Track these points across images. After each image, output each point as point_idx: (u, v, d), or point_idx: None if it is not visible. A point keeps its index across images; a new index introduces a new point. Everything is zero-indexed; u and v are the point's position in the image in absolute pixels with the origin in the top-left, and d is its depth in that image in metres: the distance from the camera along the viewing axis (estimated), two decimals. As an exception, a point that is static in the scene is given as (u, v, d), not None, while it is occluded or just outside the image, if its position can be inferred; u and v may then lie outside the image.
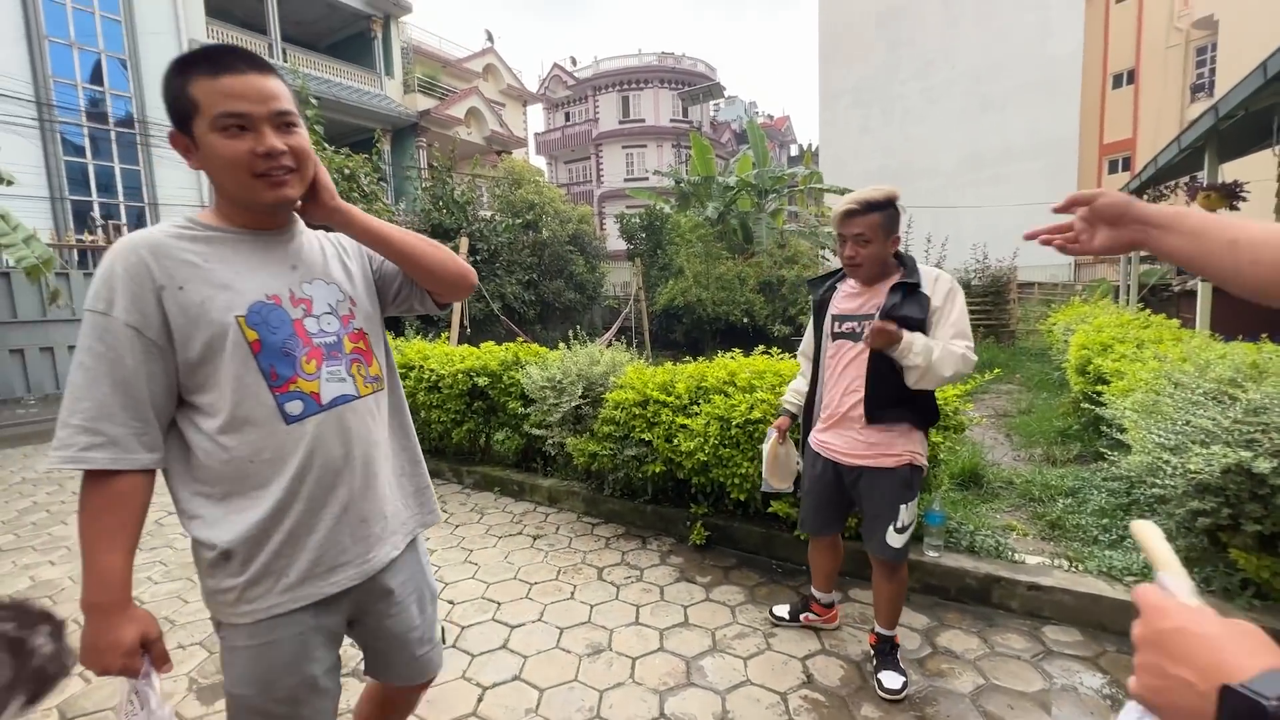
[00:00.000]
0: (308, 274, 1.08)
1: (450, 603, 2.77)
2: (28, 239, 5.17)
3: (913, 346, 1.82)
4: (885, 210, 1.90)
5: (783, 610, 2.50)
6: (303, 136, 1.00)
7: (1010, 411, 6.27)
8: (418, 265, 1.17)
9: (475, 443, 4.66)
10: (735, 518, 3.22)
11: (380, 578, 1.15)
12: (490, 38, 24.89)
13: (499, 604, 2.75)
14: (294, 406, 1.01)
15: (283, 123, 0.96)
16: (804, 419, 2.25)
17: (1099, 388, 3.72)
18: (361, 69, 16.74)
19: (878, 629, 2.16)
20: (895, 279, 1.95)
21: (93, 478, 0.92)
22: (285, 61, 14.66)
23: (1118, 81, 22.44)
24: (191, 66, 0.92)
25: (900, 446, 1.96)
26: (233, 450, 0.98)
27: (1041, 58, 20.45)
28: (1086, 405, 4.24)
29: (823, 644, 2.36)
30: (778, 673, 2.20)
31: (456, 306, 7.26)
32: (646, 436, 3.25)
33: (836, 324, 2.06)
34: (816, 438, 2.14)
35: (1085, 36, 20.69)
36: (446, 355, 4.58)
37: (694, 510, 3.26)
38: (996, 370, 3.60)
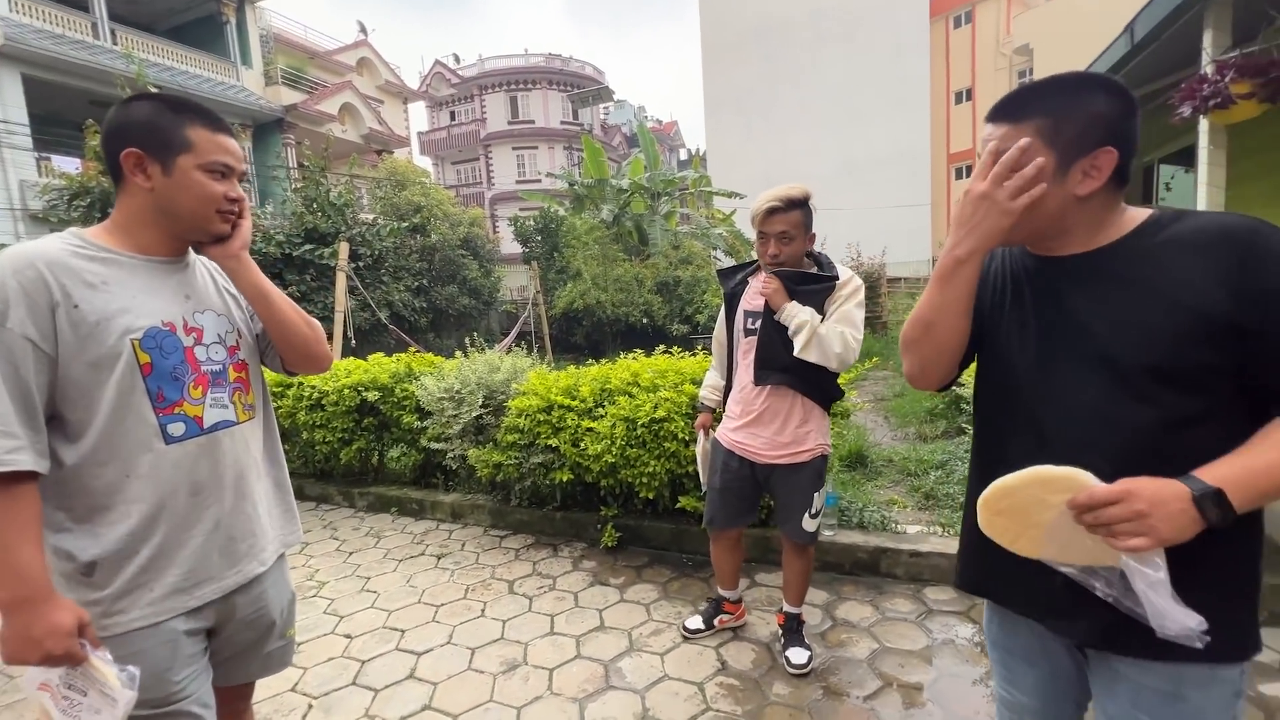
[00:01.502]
0: (200, 304, 1.16)
1: (348, 637, 2.56)
2: None
3: (795, 315, 1.91)
4: (804, 208, 1.96)
5: (695, 622, 2.42)
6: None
7: (887, 396, 6.88)
8: (286, 334, 1.24)
9: (367, 462, 4.35)
10: (645, 516, 3.26)
11: (246, 590, 1.19)
12: (364, 29, 23.31)
13: (403, 631, 2.58)
14: (176, 428, 1.08)
15: (243, 179, 1.17)
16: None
17: (958, 370, 4.17)
18: (213, 57, 15.03)
19: (786, 607, 2.27)
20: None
21: (2, 482, 0.92)
22: (115, 44, 12.82)
23: (959, 98, 25.38)
24: (188, 112, 1.08)
25: (812, 441, 2.05)
26: (104, 465, 1.02)
27: (896, 74, 22.63)
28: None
29: (734, 631, 2.45)
30: (694, 664, 2.25)
31: (339, 317, 6.77)
32: (553, 442, 3.20)
33: (749, 320, 2.09)
34: (729, 436, 2.16)
35: (931, 57, 23.18)
36: (330, 370, 4.23)
37: (604, 513, 3.26)
38: (874, 359, 3.93)
